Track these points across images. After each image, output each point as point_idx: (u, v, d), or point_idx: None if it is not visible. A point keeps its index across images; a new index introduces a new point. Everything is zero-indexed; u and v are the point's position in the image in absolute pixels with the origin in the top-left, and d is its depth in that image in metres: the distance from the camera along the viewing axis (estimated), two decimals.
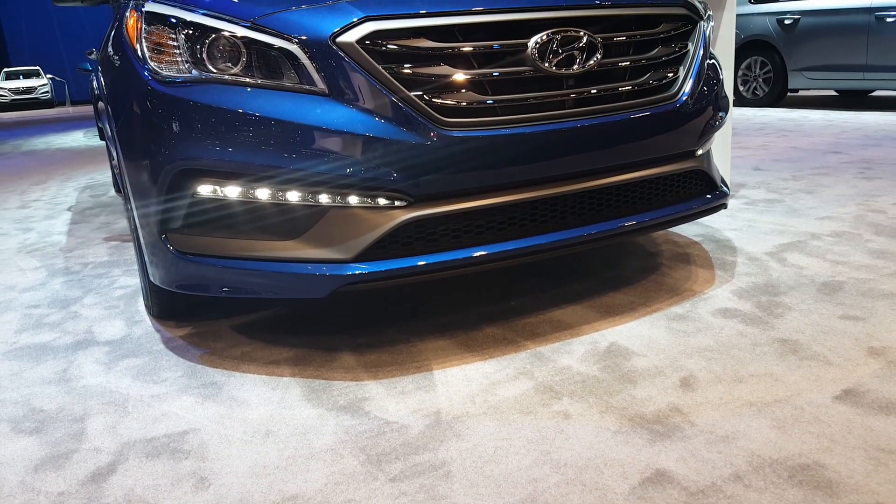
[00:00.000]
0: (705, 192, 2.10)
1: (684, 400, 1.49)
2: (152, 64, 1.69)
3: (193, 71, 1.64)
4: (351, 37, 1.56)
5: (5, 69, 23.85)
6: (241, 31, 1.61)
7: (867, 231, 2.65)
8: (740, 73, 7.60)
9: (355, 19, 1.57)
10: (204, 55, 1.64)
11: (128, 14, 1.87)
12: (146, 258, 1.88)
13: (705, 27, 2.05)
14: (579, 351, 1.76)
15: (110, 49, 2.05)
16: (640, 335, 1.83)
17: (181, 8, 1.70)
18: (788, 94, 7.51)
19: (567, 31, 1.70)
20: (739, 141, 5.15)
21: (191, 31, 1.65)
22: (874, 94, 8.08)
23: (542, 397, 1.54)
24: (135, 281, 2.58)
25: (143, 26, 1.74)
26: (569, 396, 1.54)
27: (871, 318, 1.86)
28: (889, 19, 6.22)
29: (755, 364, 1.64)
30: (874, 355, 1.65)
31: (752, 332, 1.82)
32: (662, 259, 2.45)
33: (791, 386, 1.53)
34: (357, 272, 1.62)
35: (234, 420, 1.53)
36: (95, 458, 1.42)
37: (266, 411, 1.56)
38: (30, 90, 22.87)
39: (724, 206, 2.14)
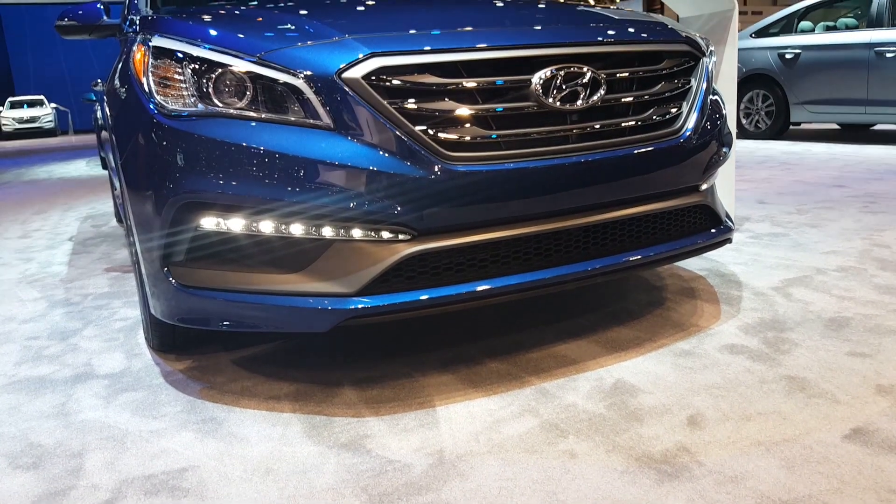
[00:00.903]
0: (710, 227, 2.09)
1: (692, 439, 1.47)
2: (158, 98, 1.70)
3: (199, 105, 1.65)
4: (357, 72, 1.57)
5: (10, 98, 24.10)
6: (247, 67, 1.62)
7: (872, 266, 2.64)
8: (742, 106, 7.66)
9: (361, 55, 1.58)
10: (210, 89, 1.65)
11: (135, 48, 1.88)
12: (147, 290, 1.86)
13: (708, 63, 2.07)
14: (585, 387, 1.74)
15: (117, 82, 2.06)
16: (646, 371, 1.81)
17: (188, 43, 1.71)
18: (791, 127, 7.56)
19: (570, 67, 1.71)
20: (743, 174, 5.17)
21: (197, 66, 1.66)
22: (876, 127, 8.13)
23: (548, 436, 1.52)
24: (135, 313, 2.56)
25: (150, 60, 1.76)
26: (575, 435, 1.51)
27: (879, 354, 1.84)
28: (889, 55, 6.29)
29: (763, 402, 1.62)
30: (883, 393, 1.62)
31: (759, 368, 1.79)
32: (667, 293, 2.44)
33: (799, 424, 1.50)
34: (360, 306, 1.61)
35: (233, 457, 1.50)
36: (93, 495, 1.39)
37: (266, 448, 1.53)
38: (33, 119, 23.09)
39: (729, 240, 2.13)
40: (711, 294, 2.41)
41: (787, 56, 7.08)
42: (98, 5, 2.60)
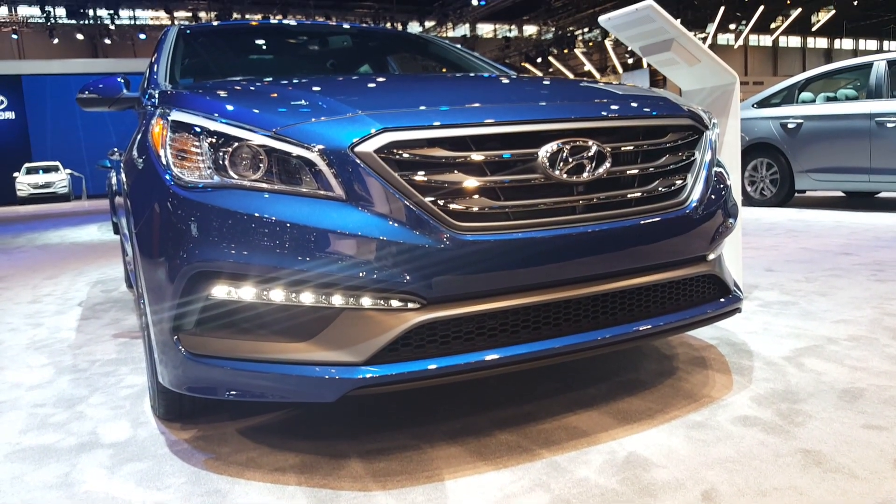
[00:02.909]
0: (719, 297, 2.09)
1: None
2: (175, 170, 1.75)
3: (215, 177, 1.69)
4: (369, 146, 1.61)
5: (26, 164, 24.60)
6: (263, 141, 1.67)
7: (884, 335, 2.62)
8: (747, 174, 7.75)
9: (374, 130, 1.63)
10: (226, 162, 1.69)
11: (154, 121, 1.94)
12: (156, 358, 1.86)
13: (711, 136, 2.11)
14: (597, 461, 1.71)
15: (135, 153, 2.12)
16: (658, 444, 1.78)
17: (205, 117, 1.77)
18: (796, 194, 7.61)
19: (576, 141, 1.75)
20: (750, 241, 5.18)
21: (214, 140, 1.71)
22: (881, 195, 8.19)
23: None
24: (142, 380, 2.55)
25: (169, 134, 1.81)
26: None
27: (895, 427, 1.80)
28: (889, 125, 6.40)
29: (778, 476, 1.58)
30: None
31: (774, 441, 1.76)
32: (678, 363, 2.41)
33: (817, 500, 1.46)
34: (368, 376, 1.60)
35: None
36: None
37: None
38: (48, 184, 23.50)
39: (738, 310, 2.13)
40: (723, 364, 2.38)
41: (790, 126, 7.21)
42: (118, 79, 2.70)
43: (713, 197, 2.03)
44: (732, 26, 35.98)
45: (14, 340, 3.35)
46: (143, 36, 29.47)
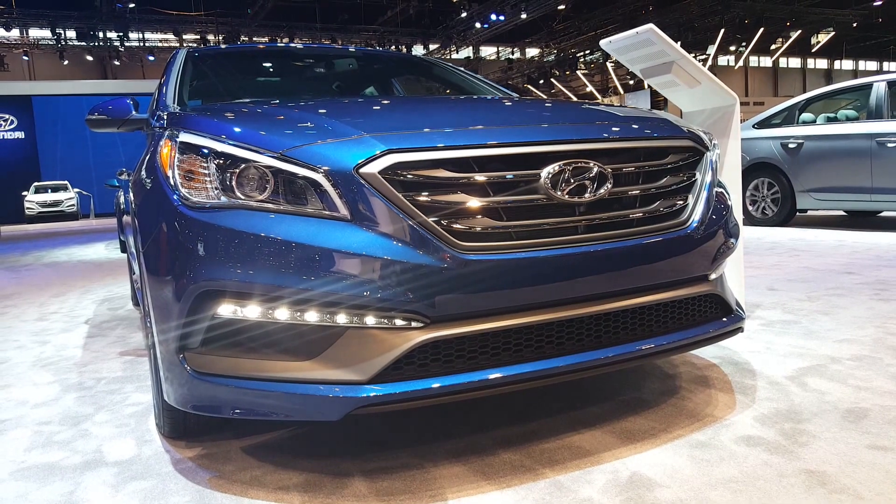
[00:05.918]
0: (721, 316, 2.10)
1: None
2: (183, 190, 1.77)
3: (222, 197, 1.72)
4: (373, 168, 1.64)
5: (35, 183, 24.80)
6: (269, 162, 1.70)
7: (888, 355, 2.62)
8: (748, 193, 7.77)
9: (378, 152, 1.66)
10: (233, 183, 1.72)
11: (162, 143, 1.98)
12: (161, 375, 1.88)
13: (711, 156, 2.13)
14: (600, 480, 1.71)
15: (143, 173, 2.15)
16: (662, 464, 1.78)
17: (213, 139, 1.80)
18: (798, 213, 7.63)
19: (577, 162, 1.78)
20: (752, 260, 5.19)
21: (222, 161, 1.74)
22: (883, 214, 8.19)
23: None
24: (147, 397, 2.56)
25: (177, 155, 1.84)
26: None
27: None
28: (890, 144, 6.42)
29: (783, 497, 1.58)
30: None
31: (778, 461, 1.76)
32: (681, 382, 2.42)
33: None
34: (372, 394, 1.61)
35: None
36: None
37: None
38: (56, 203, 23.66)
39: (741, 329, 2.14)
40: (725, 383, 2.38)
41: (791, 146, 7.24)
42: (128, 100, 2.73)
43: (714, 217, 2.05)
44: (733, 48, 36.20)
45: (20, 358, 3.36)
46: (151, 58, 29.75)
